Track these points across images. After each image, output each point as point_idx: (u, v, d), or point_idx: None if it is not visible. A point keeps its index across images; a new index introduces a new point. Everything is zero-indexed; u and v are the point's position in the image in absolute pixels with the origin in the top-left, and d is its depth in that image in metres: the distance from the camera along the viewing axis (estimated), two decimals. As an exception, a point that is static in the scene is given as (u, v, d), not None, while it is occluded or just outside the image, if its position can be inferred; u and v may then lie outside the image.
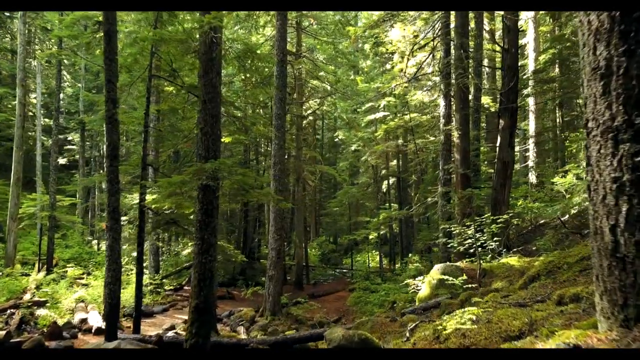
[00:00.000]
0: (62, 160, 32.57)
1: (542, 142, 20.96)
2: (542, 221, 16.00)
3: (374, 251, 30.07)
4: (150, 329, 12.27)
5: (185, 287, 18.99)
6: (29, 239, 25.87)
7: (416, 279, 9.57)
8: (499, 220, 8.54)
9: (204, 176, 6.35)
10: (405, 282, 9.71)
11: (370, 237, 26.24)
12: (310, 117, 28.19)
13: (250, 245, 24.99)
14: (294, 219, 23.07)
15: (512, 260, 8.45)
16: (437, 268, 8.63)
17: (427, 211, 15.83)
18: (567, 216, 14.68)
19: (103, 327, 11.31)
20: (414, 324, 4.75)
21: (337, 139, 33.25)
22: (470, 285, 7.29)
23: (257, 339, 8.72)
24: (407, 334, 4.59)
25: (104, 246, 23.54)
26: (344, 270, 28.30)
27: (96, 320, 11.44)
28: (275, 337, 8.34)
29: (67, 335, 10.55)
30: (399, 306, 14.31)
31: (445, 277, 8.34)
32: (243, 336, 11.74)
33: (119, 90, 9.80)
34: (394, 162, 26.58)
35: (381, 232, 27.17)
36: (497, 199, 11.78)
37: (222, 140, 10.62)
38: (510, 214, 8.74)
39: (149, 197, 9.92)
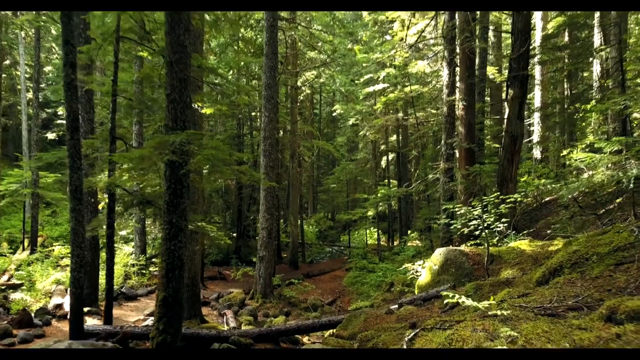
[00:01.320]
0: (51, 135, 31.53)
1: (549, 116, 19.91)
2: (547, 198, 15.16)
3: (372, 228, 29.33)
4: (132, 314, 11.55)
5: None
6: (19, 216, 25.13)
7: (415, 263, 8.75)
8: (508, 200, 7.65)
9: (167, 151, 5.42)
10: (404, 266, 8.89)
11: (369, 213, 25.48)
12: (307, 91, 27.04)
13: (244, 223, 24.20)
14: (289, 196, 22.21)
15: (523, 244, 7.60)
16: (439, 252, 7.79)
17: (427, 189, 14.94)
18: (576, 193, 13.80)
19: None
20: (412, 333, 3.89)
21: (335, 113, 32.09)
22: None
23: (239, 330, 7.94)
24: (405, 344, 3.75)
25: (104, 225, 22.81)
26: (342, 248, 27.65)
27: (73, 305, 10.69)
28: (260, 329, 7.55)
29: (38, 323, 9.80)
30: (397, 289, 13.61)
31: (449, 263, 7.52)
32: (231, 321, 11.03)
33: (88, 55, 8.77)
34: (394, 137, 25.57)
35: (380, 209, 26.40)
36: (504, 176, 10.87)
37: (204, 111, 9.63)
38: (522, 193, 7.84)
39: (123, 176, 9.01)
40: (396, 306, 7.14)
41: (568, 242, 6.48)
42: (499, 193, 7.58)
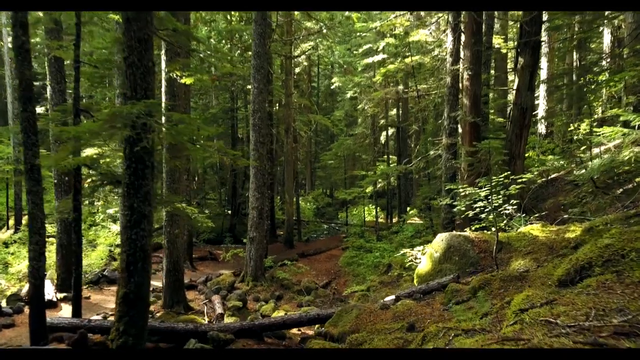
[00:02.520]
0: (40, 109, 30.49)
1: (559, 87, 18.89)
2: (553, 175, 14.37)
3: (370, 205, 28.62)
4: (112, 299, 10.83)
5: (165, 247, 17.59)
6: (5, 193, 24.37)
7: (415, 248, 7.99)
8: (519, 180, 6.83)
9: (122, 124, 4.57)
10: (403, 252, 8.14)
11: (367, 190, 24.68)
12: (305, 63, 25.86)
13: (238, 201, 23.46)
14: (284, 172, 21.37)
15: (534, 229, 6.81)
16: (441, 238, 7.01)
17: (428, 166, 14.10)
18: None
19: (55, 299, 9.92)
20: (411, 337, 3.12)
21: (333, 86, 30.94)
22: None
23: (219, 324, 7.23)
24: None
25: (86, 201, 22.06)
26: (339, 225, 27.00)
27: (48, 291, 10.00)
28: (241, 323, 6.83)
29: (8, 311, 9.14)
30: (395, 272, 12.95)
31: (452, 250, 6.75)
32: (218, 307, 10.38)
33: (51, 16, 7.81)
34: (394, 111, 24.55)
35: (378, 187, 25.61)
36: (511, 152, 10.02)
37: (183, 81, 8.70)
38: (535, 172, 7.01)
39: (89, 151, 8.17)
40: (393, 298, 6.41)
41: (589, 229, 5.69)
42: (509, 172, 6.75)
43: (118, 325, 4.96)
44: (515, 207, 6.99)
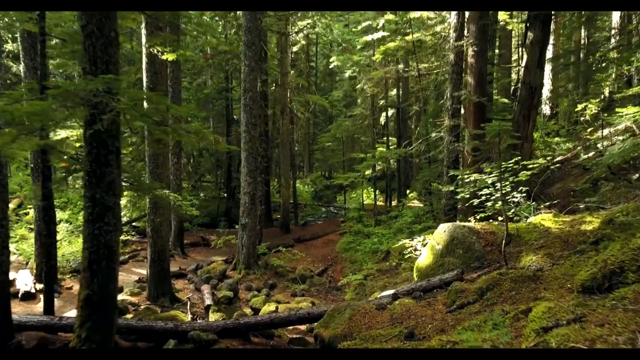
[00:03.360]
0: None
1: (568, 65, 18.13)
2: (559, 158, 13.76)
3: (369, 187, 28.04)
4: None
5: (157, 232, 17.04)
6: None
7: (414, 239, 7.41)
8: (530, 166, 6.21)
9: (76, 103, 3.93)
10: (401, 242, 7.57)
11: (367, 173, 24.03)
12: (303, 42, 24.92)
13: (232, 184, 22.87)
14: (280, 155, 20.70)
15: (546, 219, 6.22)
16: (444, 229, 6.43)
17: (429, 149, 13.46)
18: (593, 153, 12.35)
19: (33, 290, 9.40)
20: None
21: (332, 66, 29.99)
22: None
23: (201, 323, 6.69)
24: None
25: (76, 183, 21.47)
26: (338, 208, 26.47)
27: (26, 281, 9.49)
28: (225, 322, 6.29)
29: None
30: (393, 260, 12.44)
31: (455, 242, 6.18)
32: (207, 298, 9.88)
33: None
34: (394, 91, 23.77)
35: (377, 169, 24.96)
36: (518, 135, 9.37)
37: (165, 57, 7.99)
38: (549, 158, 6.40)
39: (64, 133, 7.55)
40: (390, 295, 5.86)
41: (609, 221, 5.10)
42: (519, 157, 6.12)
43: (80, 331, 4.40)
44: (524, 194, 6.40)
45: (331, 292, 11.64)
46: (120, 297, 9.32)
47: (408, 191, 25.25)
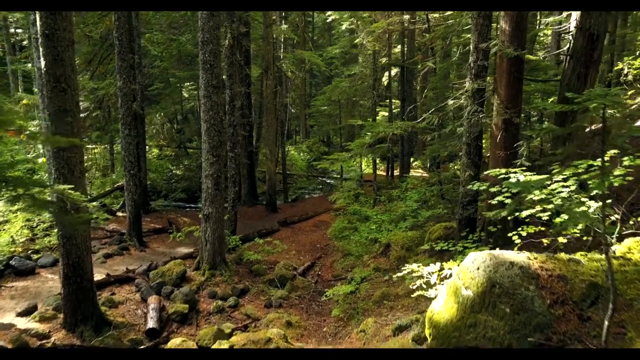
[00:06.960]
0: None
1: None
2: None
3: (369, 155, 25.44)
4: (9, 304, 7.94)
5: (119, 214, 14.65)
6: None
7: (424, 269, 4.89)
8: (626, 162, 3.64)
9: None
10: (406, 270, 5.07)
11: (367, 140, 21.39)
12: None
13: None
14: (262, 122, 17.99)
15: (649, 251, 3.71)
16: (476, 265, 3.91)
17: (444, 123, 10.75)
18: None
19: None
20: None
21: (329, 19, 26.64)
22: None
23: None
24: None
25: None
26: (335, 179, 23.93)
27: None
28: None
29: None
30: (394, 254, 10.05)
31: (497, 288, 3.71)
32: (152, 319, 7.61)
33: None
34: (398, 47, 20.76)
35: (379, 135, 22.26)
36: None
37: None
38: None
39: None
40: None
41: None
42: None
43: None
44: (616, 210, 3.88)
45: (316, 299, 9.33)
46: (25, 323, 6.99)
47: (412, 159, 22.73)
